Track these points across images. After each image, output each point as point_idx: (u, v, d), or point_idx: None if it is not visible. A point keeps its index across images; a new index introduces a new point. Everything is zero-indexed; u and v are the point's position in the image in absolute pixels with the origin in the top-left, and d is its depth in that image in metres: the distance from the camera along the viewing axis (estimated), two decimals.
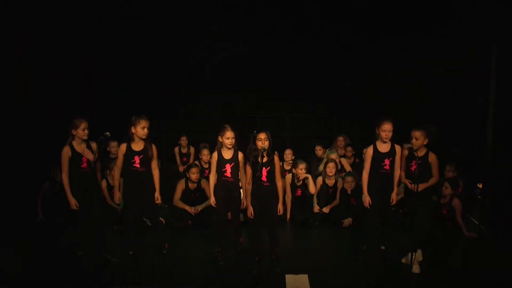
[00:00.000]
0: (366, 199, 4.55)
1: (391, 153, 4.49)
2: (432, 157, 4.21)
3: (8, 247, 4.99)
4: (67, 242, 5.02)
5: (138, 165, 4.40)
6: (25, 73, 6.34)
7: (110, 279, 4.19)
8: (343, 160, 6.87)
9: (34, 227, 5.89)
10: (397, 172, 4.52)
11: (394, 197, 4.52)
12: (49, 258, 4.73)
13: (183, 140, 7.68)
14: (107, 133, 4.37)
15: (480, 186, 6.37)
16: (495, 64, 5.90)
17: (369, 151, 4.56)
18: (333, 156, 6.45)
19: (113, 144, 6.54)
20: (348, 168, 6.75)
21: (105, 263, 4.50)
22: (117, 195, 4.60)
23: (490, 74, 5.99)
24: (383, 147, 4.51)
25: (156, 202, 4.54)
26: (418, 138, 4.32)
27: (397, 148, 4.52)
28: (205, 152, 6.82)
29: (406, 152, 4.45)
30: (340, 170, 6.56)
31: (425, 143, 4.32)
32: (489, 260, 4.78)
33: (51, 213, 6.11)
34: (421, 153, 4.39)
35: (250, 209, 4.42)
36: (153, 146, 4.53)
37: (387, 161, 4.47)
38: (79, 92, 7.17)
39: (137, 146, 4.43)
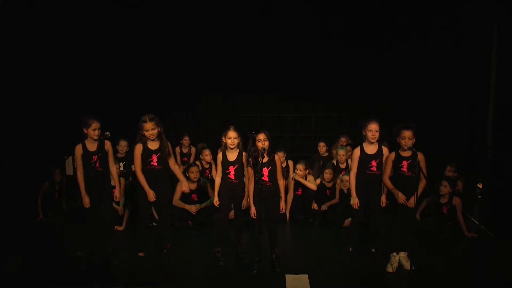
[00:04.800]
0: (355, 201, 4.53)
1: (378, 154, 4.47)
2: (420, 157, 4.19)
3: (8, 247, 4.99)
4: (67, 242, 5.02)
5: (155, 164, 4.47)
6: (26, 72, 6.33)
7: (110, 279, 4.19)
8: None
9: (34, 227, 5.89)
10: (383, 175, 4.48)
11: (383, 200, 4.52)
12: (49, 258, 4.72)
13: (185, 140, 7.64)
14: (107, 133, 4.39)
15: (480, 186, 6.38)
16: (496, 64, 5.91)
17: (356, 153, 4.54)
18: (342, 152, 6.47)
19: (123, 143, 6.52)
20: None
21: (106, 263, 4.50)
22: (150, 193, 4.52)
23: (491, 74, 6.00)
24: (370, 149, 4.48)
25: (187, 191, 4.87)
26: (411, 138, 4.28)
27: (385, 149, 4.50)
28: (206, 152, 6.79)
29: (392, 155, 4.41)
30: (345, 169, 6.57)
31: (414, 142, 4.29)
32: (489, 260, 4.79)
33: (51, 213, 6.12)
34: (408, 153, 4.34)
35: (253, 209, 4.42)
36: (169, 144, 4.60)
37: (374, 163, 4.45)
38: (79, 92, 7.17)
39: (153, 145, 4.49)
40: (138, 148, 4.50)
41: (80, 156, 4.46)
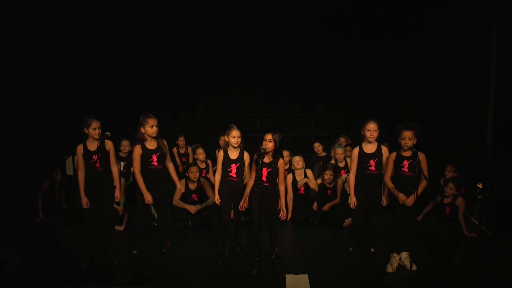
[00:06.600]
0: (352, 200, 4.54)
1: (377, 154, 4.47)
2: (421, 156, 4.18)
3: (8, 247, 4.99)
4: (67, 242, 5.02)
5: (156, 163, 4.45)
6: (26, 72, 6.33)
7: (110, 279, 4.19)
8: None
9: (34, 227, 5.89)
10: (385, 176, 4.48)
11: (384, 200, 4.53)
12: (49, 258, 4.72)
13: (181, 140, 7.66)
14: (107, 132, 4.39)
15: (480, 186, 6.38)
16: (496, 63, 5.91)
17: (355, 152, 4.55)
18: (340, 150, 6.48)
19: (125, 143, 6.49)
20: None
21: (107, 263, 4.49)
22: (148, 196, 4.45)
23: (491, 73, 6.00)
24: (369, 148, 4.49)
25: (181, 192, 4.57)
26: (411, 138, 4.28)
27: (384, 149, 4.50)
28: (200, 151, 6.76)
29: (393, 155, 4.40)
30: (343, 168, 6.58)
31: (414, 142, 4.29)
32: (489, 260, 4.78)
33: (51, 213, 6.12)
34: (409, 153, 4.32)
35: (241, 203, 4.49)
36: (165, 142, 4.58)
37: (372, 162, 4.45)
38: (80, 92, 7.17)
39: (151, 145, 4.46)
40: (137, 150, 4.44)
41: (81, 156, 4.45)
